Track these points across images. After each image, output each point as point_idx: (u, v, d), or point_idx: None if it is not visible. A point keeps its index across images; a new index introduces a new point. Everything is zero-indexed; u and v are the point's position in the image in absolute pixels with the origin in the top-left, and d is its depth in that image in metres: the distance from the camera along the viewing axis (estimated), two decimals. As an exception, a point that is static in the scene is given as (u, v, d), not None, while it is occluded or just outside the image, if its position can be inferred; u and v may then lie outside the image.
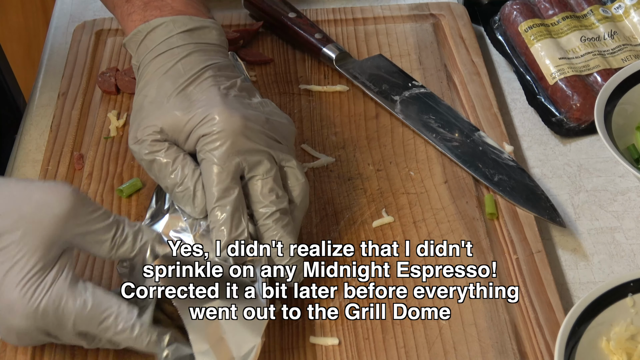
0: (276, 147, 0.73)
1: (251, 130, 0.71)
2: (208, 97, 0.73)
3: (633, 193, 0.85)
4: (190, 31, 0.77)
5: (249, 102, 0.75)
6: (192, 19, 0.78)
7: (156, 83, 0.75)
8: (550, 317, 0.72)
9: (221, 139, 0.70)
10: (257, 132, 0.72)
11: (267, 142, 0.72)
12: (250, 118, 0.72)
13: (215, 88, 0.74)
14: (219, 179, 0.70)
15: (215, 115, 0.71)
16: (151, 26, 0.77)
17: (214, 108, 0.71)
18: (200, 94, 0.74)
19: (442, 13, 1.03)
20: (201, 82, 0.74)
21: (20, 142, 0.92)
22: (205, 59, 0.76)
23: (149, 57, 0.77)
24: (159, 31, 0.77)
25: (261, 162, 0.71)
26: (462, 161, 0.85)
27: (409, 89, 0.93)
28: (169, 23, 0.77)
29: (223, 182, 0.70)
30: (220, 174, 0.70)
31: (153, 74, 0.76)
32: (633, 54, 0.95)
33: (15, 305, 0.63)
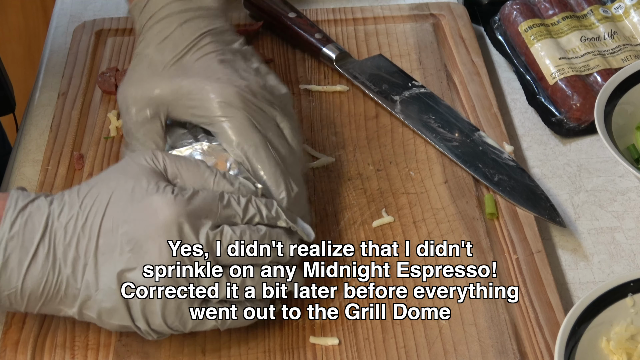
0: (265, 113, 0.75)
1: (243, 100, 0.73)
2: (203, 65, 0.75)
3: (633, 193, 0.85)
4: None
5: (245, 67, 0.77)
6: None
7: (155, 48, 0.77)
8: (550, 317, 0.72)
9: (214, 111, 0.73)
10: (246, 102, 0.74)
11: (254, 114, 0.74)
12: (242, 87, 0.74)
13: (212, 55, 0.76)
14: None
15: (207, 86, 0.73)
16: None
17: (207, 79, 0.74)
18: (197, 62, 0.76)
19: (442, 13, 1.03)
20: (198, 49, 0.77)
21: (20, 142, 0.92)
22: (204, 24, 0.78)
23: (150, 23, 0.79)
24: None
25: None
26: (462, 161, 0.85)
27: (409, 89, 0.93)
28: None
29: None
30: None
31: (153, 38, 0.78)
32: (633, 54, 0.95)
33: None
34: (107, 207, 0.65)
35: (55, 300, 0.65)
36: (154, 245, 0.64)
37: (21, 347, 0.71)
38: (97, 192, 0.66)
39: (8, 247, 0.64)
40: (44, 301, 0.65)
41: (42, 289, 0.64)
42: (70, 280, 0.65)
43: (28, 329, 0.72)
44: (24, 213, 0.65)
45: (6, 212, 0.65)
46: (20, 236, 0.64)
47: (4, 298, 0.65)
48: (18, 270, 0.64)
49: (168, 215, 0.64)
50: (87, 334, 0.72)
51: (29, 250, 0.64)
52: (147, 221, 0.64)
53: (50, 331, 0.72)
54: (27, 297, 0.65)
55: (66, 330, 0.72)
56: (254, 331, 0.72)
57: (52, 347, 0.71)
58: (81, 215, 0.65)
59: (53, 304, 0.66)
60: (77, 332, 0.72)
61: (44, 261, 0.64)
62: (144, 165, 0.68)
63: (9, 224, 0.64)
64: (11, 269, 0.64)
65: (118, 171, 0.68)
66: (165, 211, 0.64)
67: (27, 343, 0.71)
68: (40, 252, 0.64)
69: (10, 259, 0.64)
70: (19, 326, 0.73)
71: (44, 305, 0.66)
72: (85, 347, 0.71)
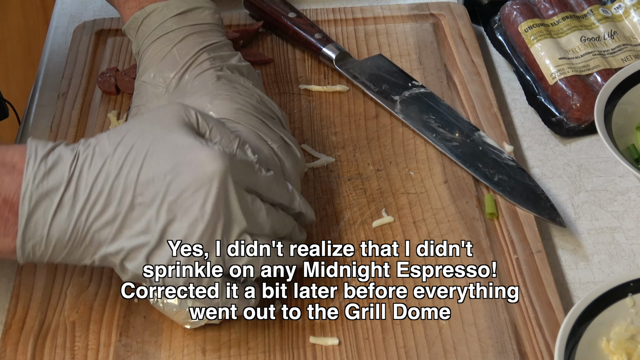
0: (268, 125, 0.74)
1: (245, 115, 0.74)
2: (202, 83, 0.75)
3: (633, 193, 0.85)
4: (183, 14, 0.79)
5: (244, 83, 0.77)
6: (185, 1, 0.80)
7: (154, 70, 0.78)
8: (550, 317, 0.72)
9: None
10: (248, 116, 0.74)
11: (257, 125, 0.73)
12: (242, 103, 0.74)
13: (211, 72, 0.76)
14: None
15: (207, 104, 0.73)
16: (146, 12, 0.80)
17: (206, 97, 0.74)
18: (195, 79, 0.76)
19: (442, 13, 1.03)
20: (196, 66, 0.77)
21: (20, 142, 0.92)
22: (200, 41, 0.78)
23: (146, 43, 0.79)
24: (153, 17, 0.79)
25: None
26: (462, 161, 0.85)
27: (409, 88, 0.93)
28: (163, 8, 0.79)
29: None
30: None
31: (151, 60, 0.78)
32: (633, 54, 0.95)
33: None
34: (145, 158, 0.64)
35: (80, 248, 0.65)
36: (199, 198, 0.63)
37: (21, 347, 0.71)
38: (132, 141, 0.65)
39: (33, 197, 0.63)
40: (68, 250, 0.65)
41: (68, 237, 0.64)
42: (100, 228, 0.64)
43: (28, 329, 0.72)
44: (46, 161, 0.64)
45: (27, 161, 0.64)
46: (44, 186, 0.63)
47: (29, 249, 0.64)
48: (44, 220, 0.63)
49: (216, 168, 0.63)
50: (87, 335, 0.72)
51: (54, 199, 0.63)
52: (194, 173, 0.63)
53: (50, 331, 0.72)
54: (53, 245, 0.64)
55: (66, 330, 0.72)
56: (254, 331, 0.72)
57: (52, 347, 0.71)
58: (114, 165, 0.64)
59: (77, 252, 0.65)
60: (77, 333, 0.72)
61: (70, 210, 0.64)
62: (177, 116, 0.67)
63: (32, 173, 0.63)
64: (37, 218, 0.63)
65: (151, 121, 0.67)
66: (213, 165, 0.63)
67: (27, 343, 0.71)
68: (66, 201, 0.64)
69: (36, 209, 0.63)
70: (19, 326, 0.73)
71: (67, 255, 0.65)
72: (85, 348, 0.71)
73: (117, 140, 0.65)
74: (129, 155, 0.64)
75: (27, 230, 0.64)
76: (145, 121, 0.67)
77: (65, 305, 0.74)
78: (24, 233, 0.64)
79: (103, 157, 0.65)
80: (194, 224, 0.64)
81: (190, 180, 0.63)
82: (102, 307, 0.74)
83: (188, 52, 0.77)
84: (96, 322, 0.73)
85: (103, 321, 0.73)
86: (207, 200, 0.63)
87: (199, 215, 0.64)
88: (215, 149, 0.64)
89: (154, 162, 0.64)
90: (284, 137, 0.75)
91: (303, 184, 0.83)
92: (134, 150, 0.64)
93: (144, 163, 0.64)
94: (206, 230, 0.64)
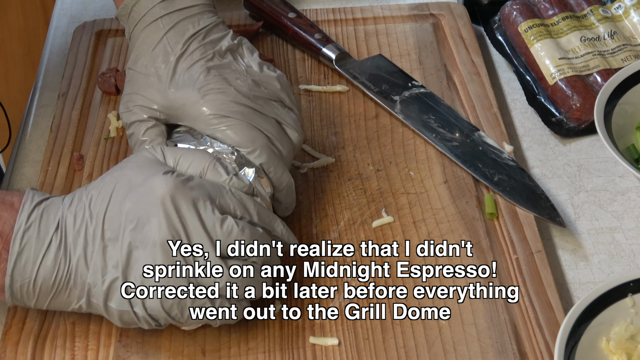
0: (262, 113, 0.75)
1: (238, 107, 0.75)
2: (194, 75, 0.76)
3: (633, 193, 0.85)
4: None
5: (236, 68, 0.77)
6: None
7: (146, 59, 0.78)
8: (550, 317, 0.72)
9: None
10: (240, 107, 0.75)
11: (251, 116, 0.75)
12: (234, 95, 0.74)
13: (201, 63, 0.76)
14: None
15: (200, 100, 0.74)
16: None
17: (199, 91, 0.74)
18: (187, 72, 0.76)
19: (442, 13, 1.03)
20: (187, 57, 0.77)
21: (20, 142, 0.92)
22: (190, 26, 0.78)
23: (137, 30, 0.80)
24: (142, 3, 0.80)
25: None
26: (462, 161, 0.85)
27: (409, 89, 0.93)
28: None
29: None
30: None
31: (141, 49, 0.79)
32: (633, 54, 0.95)
33: None
34: (111, 195, 0.68)
35: (66, 292, 0.67)
36: (154, 221, 0.65)
37: (21, 348, 0.71)
38: (102, 184, 0.69)
39: (24, 237, 0.66)
40: (54, 293, 0.67)
41: (53, 278, 0.66)
42: (80, 267, 0.66)
43: (28, 330, 0.72)
44: (39, 207, 0.68)
45: (23, 204, 0.67)
46: (36, 227, 0.66)
47: (17, 290, 0.66)
48: (33, 260, 0.66)
49: (165, 191, 0.66)
50: (87, 335, 0.72)
51: (44, 240, 0.66)
52: (146, 199, 0.66)
53: (51, 332, 0.72)
54: (40, 287, 0.66)
55: (66, 331, 0.72)
56: (254, 331, 0.72)
57: (52, 347, 0.71)
58: (87, 204, 0.68)
59: (63, 295, 0.67)
60: (77, 333, 0.72)
61: (56, 251, 0.66)
62: (145, 157, 0.71)
63: (26, 215, 0.67)
64: (26, 258, 0.66)
65: (120, 166, 0.71)
66: (163, 188, 0.66)
67: (27, 343, 0.71)
68: (53, 243, 0.66)
69: (26, 249, 0.66)
70: (19, 326, 0.73)
71: (54, 298, 0.67)
72: (85, 348, 0.71)
73: (92, 186, 0.69)
74: (99, 195, 0.68)
75: (16, 269, 0.66)
76: (116, 167, 0.71)
77: (65, 306, 0.74)
78: (13, 271, 0.66)
79: (81, 201, 0.68)
80: (153, 247, 0.65)
81: (145, 207, 0.66)
82: (102, 307, 0.74)
83: (178, 41, 0.77)
84: (96, 323, 0.73)
85: (103, 321, 0.73)
86: (161, 223, 0.65)
87: (156, 239, 0.65)
88: (167, 175, 0.67)
89: (117, 197, 0.67)
90: (280, 118, 0.76)
91: (303, 184, 0.83)
92: (104, 190, 0.68)
93: (111, 199, 0.68)
94: (165, 251, 0.65)
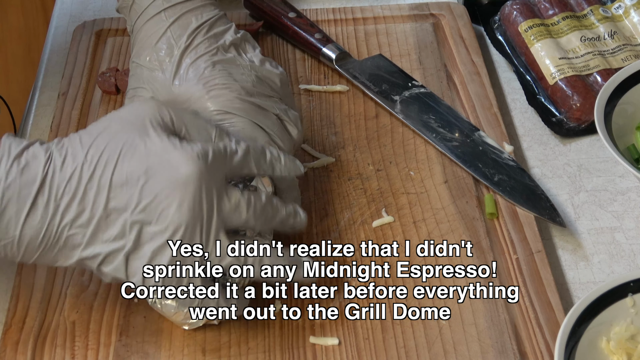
0: (264, 109, 0.75)
1: (241, 104, 0.74)
2: (198, 70, 0.75)
3: (633, 193, 0.85)
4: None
5: (240, 63, 0.77)
6: None
7: (148, 53, 0.77)
8: (550, 317, 0.72)
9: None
10: (244, 104, 0.74)
11: (254, 113, 0.74)
12: (238, 90, 0.74)
13: (205, 57, 0.76)
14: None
15: (204, 95, 0.74)
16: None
17: (204, 87, 0.74)
18: (191, 66, 0.76)
19: (442, 13, 1.03)
20: (191, 51, 0.76)
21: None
22: (193, 19, 0.78)
23: (139, 23, 0.79)
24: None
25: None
26: (462, 161, 0.85)
27: (409, 88, 0.93)
28: None
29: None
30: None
31: (145, 42, 0.78)
32: (633, 54, 0.95)
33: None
34: (117, 161, 0.64)
35: (53, 251, 0.64)
36: (174, 201, 0.63)
37: (21, 347, 0.71)
38: (104, 143, 0.65)
39: (5, 196, 0.62)
40: (41, 251, 0.64)
41: (40, 238, 0.63)
42: (73, 231, 0.64)
43: (28, 329, 0.72)
44: (19, 161, 0.63)
45: (0, 158, 0.63)
46: (17, 185, 0.62)
47: (0, 248, 0.64)
48: (16, 220, 0.63)
49: (190, 172, 0.63)
50: (87, 334, 0.72)
51: (27, 199, 0.63)
52: (168, 176, 0.63)
53: (50, 331, 0.72)
54: (25, 246, 0.64)
55: (66, 330, 0.72)
56: (254, 331, 0.72)
57: (52, 347, 0.71)
58: (87, 166, 0.64)
59: (50, 254, 0.65)
60: (77, 333, 0.72)
61: (44, 211, 0.63)
62: (151, 116, 0.67)
63: (4, 172, 0.62)
64: (8, 218, 0.62)
65: (124, 121, 0.67)
66: (188, 168, 0.63)
67: (27, 343, 0.71)
68: (39, 202, 0.63)
69: (7, 209, 0.62)
70: (19, 326, 0.73)
71: (40, 256, 0.65)
72: (85, 347, 0.71)
73: (89, 142, 0.65)
74: (102, 157, 0.64)
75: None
76: (118, 120, 0.67)
77: (65, 305, 0.74)
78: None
79: (76, 159, 0.64)
80: (170, 227, 0.64)
81: (164, 183, 0.63)
82: (102, 307, 0.74)
83: (182, 34, 0.77)
84: (96, 322, 0.73)
85: (103, 321, 0.73)
86: (183, 204, 0.63)
87: (175, 218, 0.63)
88: (189, 150, 0.64)
89: (127, 165, 0.64)
90: (281, 114, 0.76)
91: (303, 184, 0.83)
92: (106, 153, 0.64)
93: (117, 165, 0.64)
94: (184, 233, 0.64)
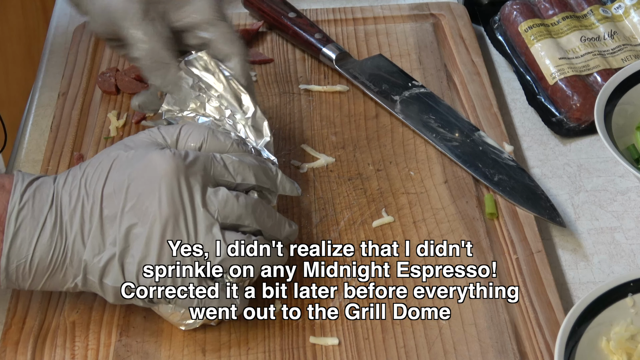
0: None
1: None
2: None
3: (633, 193, 0.85)
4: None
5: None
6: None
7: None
8: (550, 317, 0.72)
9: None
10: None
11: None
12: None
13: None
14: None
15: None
16: None
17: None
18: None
19: (442, 13, 1.03)
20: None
21: (20, 142, 0.92)
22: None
23: None
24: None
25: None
26: (462, 161, 0.85)
27: (409, 88, 0.93)
28: None
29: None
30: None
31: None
32: (633, 54, 0.95)
33: None
34: (108, 173, 0.67)
35: (62, 271, 0.67)
36: (154, 198, 0.65)
37: (21, 347, 0.71)
38: (99, 161, 0.69)
39: (19, 217, 0.65)
40: (50, 272, 0.66)
41: (50, 257, 0.66)
42: (77, 246, 0.66)
43: (28, 329, 0.72)
44: (31, 186, 0.67)
45: (15, 185, 0.67)
46: (30, 206, 0.66)
47: (12, 271, 0.66)
48: (29, 240, 0.65)
49: (166, 167, 0.66)
50: (87, 335, 0.72)
51: (39, 219, 0.66)
52: (147, 175, 0.66)
53: (50, 331, 0.72)
54: (36, 267, 0.66)
55: (66, 330, 0.72)
56: (254, 331, 0.72)
57: (52, 347, 0.71)
58: (83, 182, 0.67)
59: (59, 275, 0.67)
60: (77, 333, 0.72)
61: (52, 229, 0.66)
62: (142, 139, 0.70)
63: (19, 194, 0.66)
64: (22, 238, 0.65)
65: (117, 146, 0.71)
66: (163, 164, 0.66)
67: (27, 343, 0.71)
68: (48, 221, 0.66)
69: (21, 229, 0.65)
70: (19, 326, 0.73)
71: (49, 278, 0.67)
72: (85, 347, 0.71)
73: (87, 163, 0.69)
74: (95, 172, 0.68)
75: (12, 250, 0.65)
76: (112, 147, 0.71)
77: (65, 305, 0.74)
78: (9, 252, 0.65)
79: (75, 178, 0.68)
80: (155, 223, 0.65)
81: (145, 183, 0.66)
82: (102, 307, 0.74)
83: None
84: (96, 322, 0.73)
85: (103, 321, 0.73)
86: (162, 198, 0.65)
87: (157, 214, 0.65)
88: (167, 152, 0.67)
89: (115, 175, 0.67)
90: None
91: (304, 184, 0.83)
92: (99, 168, 0.68)
93: (108, 177, 0.67)
94: (166, 226, 0.65)
